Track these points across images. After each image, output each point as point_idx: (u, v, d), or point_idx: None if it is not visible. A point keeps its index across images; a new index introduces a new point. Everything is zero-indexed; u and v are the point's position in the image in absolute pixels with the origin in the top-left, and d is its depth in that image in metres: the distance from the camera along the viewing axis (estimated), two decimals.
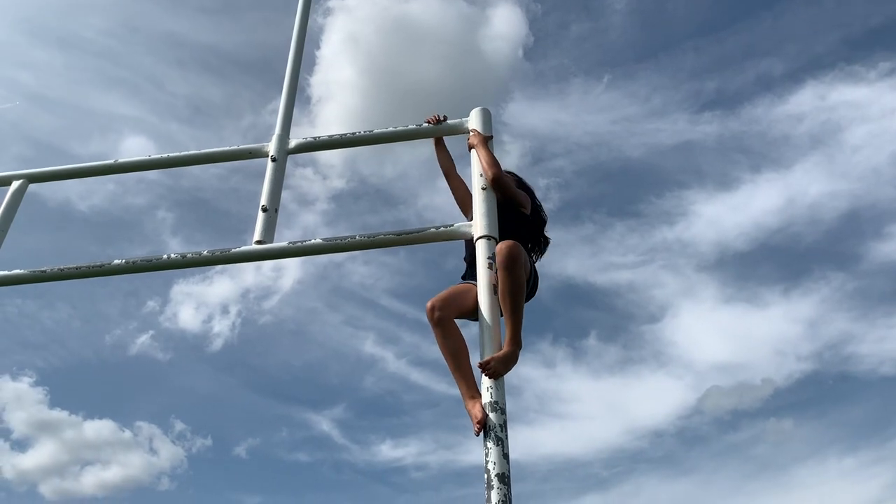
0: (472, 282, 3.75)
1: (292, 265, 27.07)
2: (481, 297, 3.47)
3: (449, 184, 4.35)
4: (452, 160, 4.42)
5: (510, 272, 3.44)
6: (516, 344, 3.38)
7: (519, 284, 3.46)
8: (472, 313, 3.63)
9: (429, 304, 3.61)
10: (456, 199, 4.34)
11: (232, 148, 4.50)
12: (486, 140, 4.01)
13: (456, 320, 3.70)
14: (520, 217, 4.09)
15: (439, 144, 4.41)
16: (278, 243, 3.95)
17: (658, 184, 26.27)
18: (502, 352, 3.33)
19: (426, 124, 4.24)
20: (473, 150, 4.05)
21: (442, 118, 4.21)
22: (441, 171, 4.39)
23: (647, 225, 25.86)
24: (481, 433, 3.18)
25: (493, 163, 3.93)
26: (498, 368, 3.27)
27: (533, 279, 3.91)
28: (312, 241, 3.90)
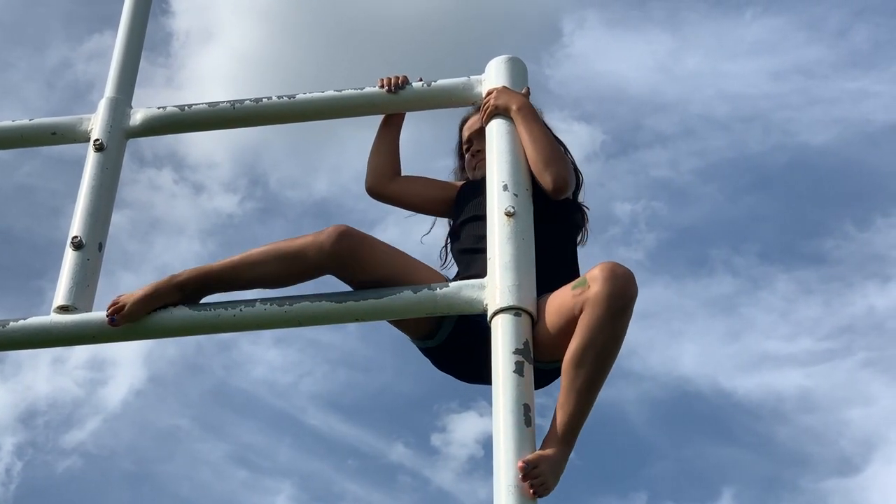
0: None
1: (128, 357, 13.95)
2: (497, 415, 2.34)
3: (390, 189, 3.03)
4: (398, 149, 3.04)
5: (615, 322, 2.41)
6: (568, 443, 2.43)
7: (616, 349, 2.47)
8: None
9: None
10: (409, 203, 3.08)
11: (19, 122, 2.89)
12: (527, 100, 2.71)
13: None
14: (563, 211, 2.80)
15: (391, 123, 3.05)
16: (102, 312, 2.55)
17: (863, 197, 14.72)
18: (550, 451, 2.35)
19: (378, 88, 2.83)
20: (498, 130, 2.69)
21: (401, 81, 2.83)
22: (374, 165, 3.03)
23: (837, 280, 14.40)
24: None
25: (555, 151, 2.67)
26: (547, 478, 2.31)
27: None
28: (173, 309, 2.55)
